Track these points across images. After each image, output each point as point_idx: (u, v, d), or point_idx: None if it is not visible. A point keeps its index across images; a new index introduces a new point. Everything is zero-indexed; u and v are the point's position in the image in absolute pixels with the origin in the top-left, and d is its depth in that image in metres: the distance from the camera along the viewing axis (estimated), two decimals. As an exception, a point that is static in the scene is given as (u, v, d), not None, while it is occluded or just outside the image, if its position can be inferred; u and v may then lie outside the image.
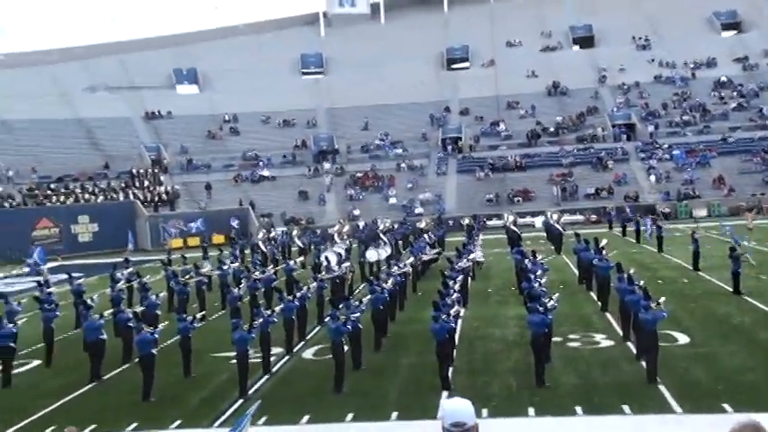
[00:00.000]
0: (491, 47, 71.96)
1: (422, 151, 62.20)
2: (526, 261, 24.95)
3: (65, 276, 29.65)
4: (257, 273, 26.88)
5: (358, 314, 17.80)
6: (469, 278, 26.85)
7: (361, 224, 46.84)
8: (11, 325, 19.08)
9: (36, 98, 62.19)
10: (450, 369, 16.31)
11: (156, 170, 58.84)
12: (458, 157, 61.02)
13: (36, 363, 20.24)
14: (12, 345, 18.64)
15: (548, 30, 77.12)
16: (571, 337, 19.55)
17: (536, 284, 19.84)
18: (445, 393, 15.04)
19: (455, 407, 4.01)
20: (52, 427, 14.21)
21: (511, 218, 42.19)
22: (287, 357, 19.29)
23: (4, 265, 44.71)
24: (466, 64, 74.84)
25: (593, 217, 50.98)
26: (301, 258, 36.18)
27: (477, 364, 17.77)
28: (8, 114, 60.55)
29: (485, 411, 13.77)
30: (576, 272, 28.52)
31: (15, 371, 18.72)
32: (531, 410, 14.18)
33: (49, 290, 25.96)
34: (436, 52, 74.91)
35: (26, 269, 36.30)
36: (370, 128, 65.08)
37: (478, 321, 22.27)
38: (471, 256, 28.36)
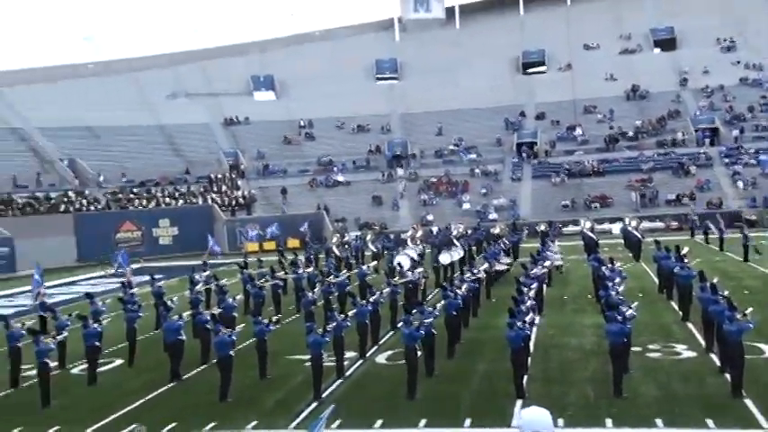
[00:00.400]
0: (568, 50, 71.02)
1: (496, 156, 61.73)
2: (603, 268, 24.45)
3: (147, 278, 30.51)
4: (331, 277, 27.13)
5: (431, 320, 17.76)
6: (545, 285, 26.45)
7: (435, 230, 46.72)
8: (96, 325, 19.74)
9: (121, 105, 64.39)
10: (525, 377, 16.11)
11: (233, 175, 60.10)
12: (533, 162, 60.33)
13: (119, 362, 20.89)
14: (97, 344, 19.29)
15: (626, 32, 75.61)
16: (651, 347, 19.06)
17: (614, 292, 19.40)
18: (520, 401, 14.86)
19: (533, 416, 3.97)
20: (134, 425, 14.62)
21: (588, 224, 41.39)
22: (360, 362, 19.39)
23: (92, 266, 46.34)
24: (542, 68, 74.00)
25: (674, 224, 49.59)
26: (374, 263, 36.32)
27: (553, 372, 17.50)
28: (95, 121, 62.81)
29: (561, 421, 13.54)
30: (656, 280, 27.80)
31: (100, 369, 19.36)
32: (609, 421, 13.87)
33: (131, 291, 26.80)
34: (512, 56, 74.32)
35: (110, 271, 37.52)
36: (444, 133, 64.98)
37: (554, 329, 21.93)
38: (547, 262, 27.95)
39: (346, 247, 41.31)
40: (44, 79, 66.49)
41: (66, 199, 53.14)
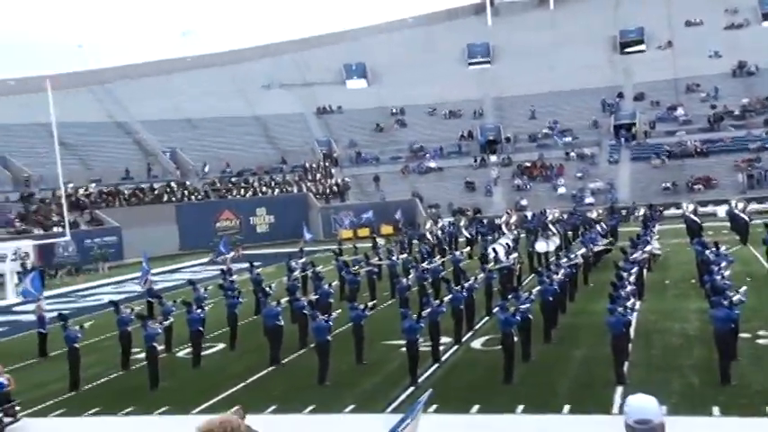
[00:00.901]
0: (668, 27, 68.59)
1: (592, 139, 60.32)
2: (708, 252, 23.60)
3: (246, 265, 31.35)
4: (425, 263, 27.18)
5: (527, 305, 17.58)
6: (645, 270, 25.74)
7: (529, 214, 46.12)
8: (199, 310, 20.45)
9: (218, 96, 66.17)
10: (626, 363, 15.74)
11: (327, 163, 60.92)
12: (631, 144, 58.63)
13: (221, 346, 21.56)
14: (200, 329, 19.99)
15: (732, 6, 72.26)
16: (761, 333, 18.28)
17: (719, 277, 18.71)
18: (620, 388, 14.56)
19: (640, 403, 3.85)
20: (236, 407, 15.07)
21: (691, 207, 40.03)
22: (456, 347, 19.39)
23: (195, 254, 47.95)
24: (641, 47, 71.64)
25: (785, 206, 47.34)
26: (468, 249, 36.18)
27: (656, 359, 17.03)
28: (194, 113, 64.80)
29: (664, 408, 13.12)
30: (766, 264, 26.63)
31: (204, 352, 20.04)
32: (716, 409, 13.42)
33: (231, 278, 27.62)
34: (608, 36, 72.30)
35: (219, 258, 38.52)
36: (538, 116, 63.91)
37: (656, 315, 21.34)
38: (648, 247, 27.18)
39: (440, 233, 41.28)
40: (146, 74, 68.97)
41: (168, 189, 55.11)
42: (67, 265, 45.76)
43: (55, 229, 45.89)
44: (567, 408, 14.13)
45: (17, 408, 15.43)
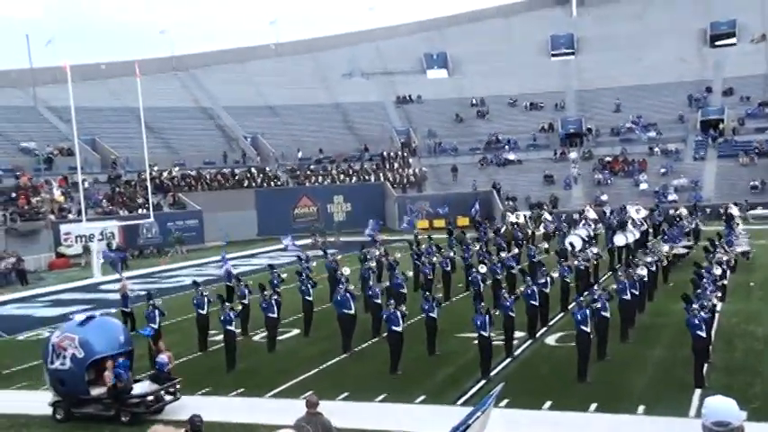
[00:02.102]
0: (762, 19, 65.90)
1: (677, 135, 58.63)
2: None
3: (321, 253, 31.73)
4: (500, 255, 26.98)
5: (604, 303, 17.29)
6: (728, 271, 24.95)
7: (608, 210, 45.19)
8: (275, 296, 20.82)
9: (300, 84, 67.04)
10: (706, 366, 15.33)
11: (405, 153, 61.00)
12: (718, 140, 56.73)
13: (296, 331, 21.91)
14: (275, 314, 20.34)
15: (831, -3, 68.98)
16: None
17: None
18: (698, 391, 14.20)
19: (719, 405, 3.78)
20: (309, 392, 15.35)
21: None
22: (530, 342, 19.24)
23: (273, 240, 48.79)
24: (732, 40, 69.11)
25: None
26: (545, 244, 35.73)
27: (737, 362, 16.53)
28: (276, 100, 65.85)
29: (743, 414, 12.76)
30: None
31: (279, 337, 20.43)
32: (800, 417, 12.95)
33: (307, 265, 27.99)
34: (698, 28, 70.01)
35: (288, 243, 39.09)
36: (622, 110, 62.50)
37: (738, 317, 20.69)
38: (733, 246, 26.33)
39: (516, 226, 40.87)
40: (230, 60, 70.38)
41: (248, 175, 56.17)
42: (150, 246, 47.25)
43: (139, 211, 47.42)
44: (641, 408, 13.87)
45: (178, 386, 15.37)
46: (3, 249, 40.03)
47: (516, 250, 30.08)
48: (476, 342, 16.96)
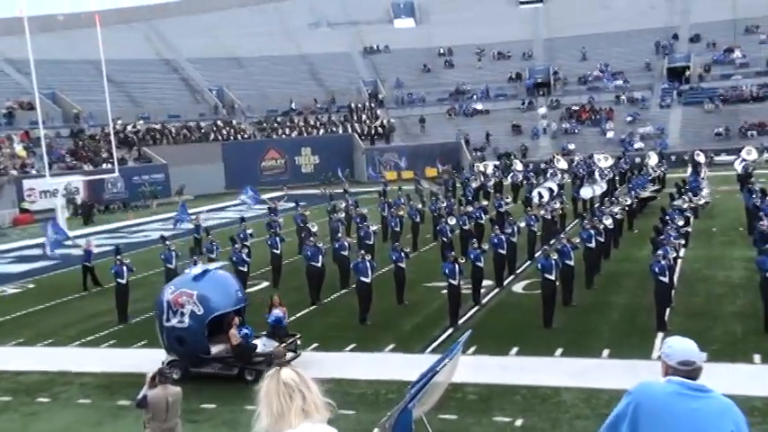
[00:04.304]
0: (728, -35, 65.77)
1: (644, 83, 58.87)
2: (755, 198, 23.13)
3: (292, 205, 31.63)
4: (467, 207, 27.11)
5: (569, 250, 17.50)
6: (691, 217, 25.36)
7: (576, 159, 45.50)
8: (244, 249, 20.76)
9: (265, 35, 65.92)
10: (668, 310, 15.66)
11: (372, 104, 60.61)
12: (684, 87, 57.10)
13: (265, 284, 21.92)
14: (244, 268, 20.32)
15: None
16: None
17: (766, 224, 18.36)
18: (661, 335, 14.52)
19: (684, 345, 3.83)
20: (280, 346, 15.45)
21: (753, 153, 38.82)
22: (497, 290, 19.47)
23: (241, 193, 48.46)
24: (699, -14, 68.93)
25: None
26: (510, 195, 35.92)
27: (698, 306, 16.92)
28: (240, 51, 64.77)
29: (705, 355, 13.07)
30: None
31: (248, 290, 20.39)
32: (757, 357, 13.35)
33: (276, 217, 27.93)
34: (665, -26, 69.73)
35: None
36: (589, 58, 62.48)
37: (700, 262, 21.11)
38: (699, 194, 26.71)
39: (483, 177, 41.00)
40: (193, 11, 68.94)
41: (214, 128, 55.51)
42: (116, 201, 46.75)
43: (104, 166, 46.74)
44: (606, 352, 14.18)
45: (298, 342, 14.79)
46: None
47: (485, 202, 30.22)
48: (444, 291, 17.12)
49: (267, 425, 3.11)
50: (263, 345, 14.04)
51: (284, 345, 14.20)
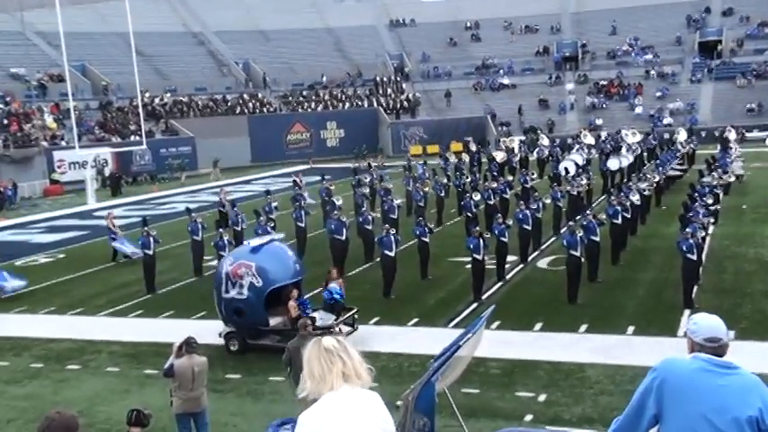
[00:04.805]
0: (763, -63, 64.20)
1: (675, 57, 57.92)
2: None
3: (318, 178, 31.67)
4: (493, 182, 26.94)
5: (596, 226, 17.35)
6: (721, 193, 25.01)
7: (604, 135, 45.01)
8: (271, 223, 20.85)
9: (291, 8, 65.65)
10: (696, 288, 15.50)
11: (398, 78, 60.26)
12: (716, 62, 56.11)
13: (290, 256, 21.95)
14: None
15: None
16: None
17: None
18: (687, 312, 14.38)
19: (710, 321, 3.77)
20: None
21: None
22: (521, 266, 19.39)
23: (266, 166, 48.66)
24: (733, -42, 67.44)
25: None
26: (537, 170, 35.66)
27: (726, 284, 16.72)
28: (267, 24, 64.63)
29: (732, 333, 12.95)
30: None
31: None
32: (786, 337, 13.18)
33: (301, 191, 27.99)
34: (698, -54, 68.28)
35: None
36: (619, 32, 61.56)
37: (730, 239, 20.84)
38: (728, 171, 26.33)
39: (509, 152, 40.70)
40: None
41: (241, 101, 55.56)
42: (143, 173, 47.12)
43: (132, 138, 47.06)
44: (630, 329, 14.08)
45: (356, 316, 14.58)
46: (-4, 177, 39.95)
47: (510, 177, 30.03)
48: (468, 266, 17.08)
49: (310, 387, 3.39)
50: (320, 318, 13.84)
51: (342, 319, 14.13)
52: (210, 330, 14.63)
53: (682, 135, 39.50)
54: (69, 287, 20.27)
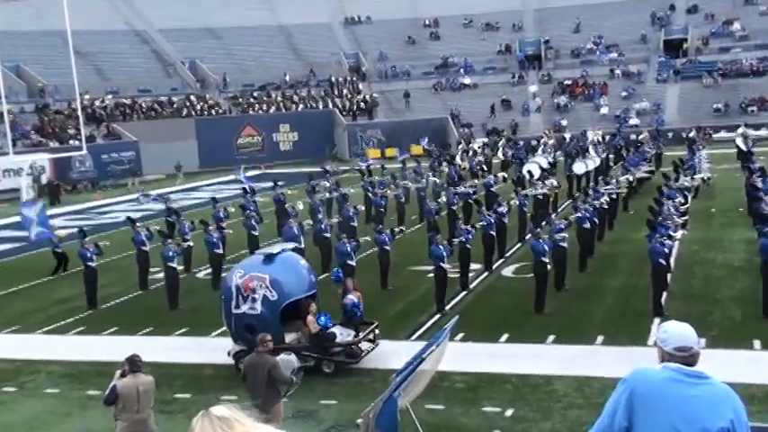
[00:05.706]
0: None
1: (640, 55, 58.96)
2: (756, 177, 23.29)
3: (270, 184, 31.50)
4: (457, 187, 27.11)
5: (562, 232, 17.55)
6: (690, 197, 25.51)
7: (568, 136, 45.63)
8: (217, 232, 20.67)
9: (240, 4, 65.27)
10: (665, 294, 15.77)
11: (354, 78, 60.33)
12: (681, 61, 57.25)
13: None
14: (220, 250, 20.24)
15: None
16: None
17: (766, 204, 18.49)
18: (657, 320, 14.62)
19: (680, 330, 3.84)
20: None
21: (740, 130, 39.32)
22: (486, 274, 19.51)
23: (215, 172, 48.27)
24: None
25: None
26: (503, 173, 35.98)
27: (696, 290, 17.04)
28: (215, 22, 64.15)
29: (703, 341, 13.18)
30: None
31: (224, 274, 20.33)
32: (757, 343, 13.46)
33: (253, 198, 27.81)
34: (662, -58, 69.68)
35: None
36: (582, 30, 62.46)
37: (699, 244, 21.24)
38: (696, 173, 26.86)
39: (472, 154, 41.05)
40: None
41: (187, 103, 55.07)
42: (84, 180, 46.38)
43: (71, 143, 46.32)
44: (600, 338, 14.25)
45: (377, 331, 14.13)
46: None
47: (476, 181, 30.24)
48: (430, 275, 17.14)
49: None
50: (340, 334, 13.44)
51: (363, 335, 13.71)
52: (156, 347, 14.45)
53: (645, 137, 40.37)
54: (4, 303, 19.85)
